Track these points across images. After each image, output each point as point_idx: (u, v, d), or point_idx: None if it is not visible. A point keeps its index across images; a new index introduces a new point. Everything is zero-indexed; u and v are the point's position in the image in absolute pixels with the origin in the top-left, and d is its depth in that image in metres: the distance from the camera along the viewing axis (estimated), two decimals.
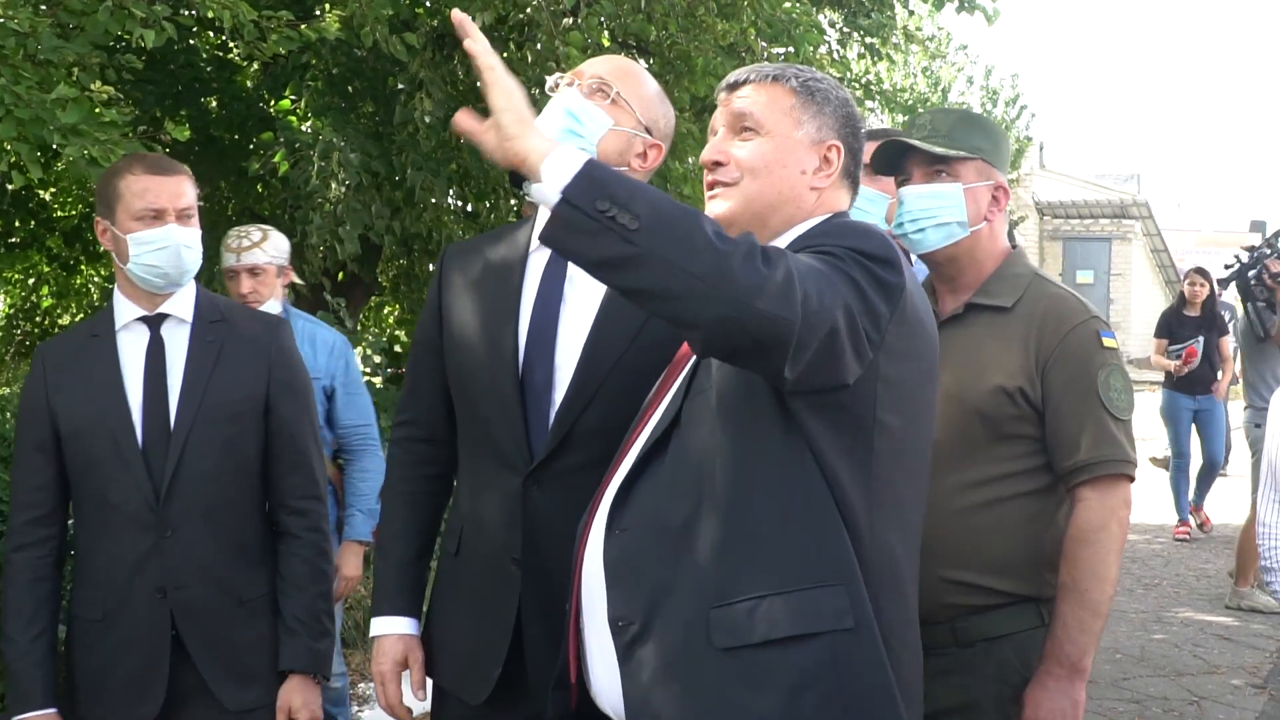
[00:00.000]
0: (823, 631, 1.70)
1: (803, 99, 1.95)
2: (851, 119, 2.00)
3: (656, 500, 1.81)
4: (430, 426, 2.36)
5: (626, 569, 1.80)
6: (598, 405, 2.13)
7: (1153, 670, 5.76)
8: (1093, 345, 2.39)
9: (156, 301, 2.63)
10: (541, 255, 2.24)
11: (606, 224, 1.56)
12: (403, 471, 2.38)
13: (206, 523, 2.56)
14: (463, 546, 2.26)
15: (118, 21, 3.97)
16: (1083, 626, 2.31)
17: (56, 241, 7.38)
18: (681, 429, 1.82)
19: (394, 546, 2.35)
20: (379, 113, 5.64)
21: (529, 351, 2.18)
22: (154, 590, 2.53)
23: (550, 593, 2.08)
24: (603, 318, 2.16)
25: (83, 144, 3.73)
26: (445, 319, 2.31)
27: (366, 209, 5.30)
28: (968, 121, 2.53)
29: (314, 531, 2.67)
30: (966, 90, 19.69)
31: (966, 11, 6.65)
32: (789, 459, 1.74)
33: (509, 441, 2.17)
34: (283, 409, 2.66)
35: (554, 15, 4.88)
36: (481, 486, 2.23)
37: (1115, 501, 2.35)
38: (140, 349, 2.61)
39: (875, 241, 1.76)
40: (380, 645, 2.30)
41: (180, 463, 2.54)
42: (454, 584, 2.28)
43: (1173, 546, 8.72)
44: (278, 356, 2.68)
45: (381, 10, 4.49)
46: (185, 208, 2.60)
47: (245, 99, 6.24)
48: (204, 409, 2.57)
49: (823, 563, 1.72)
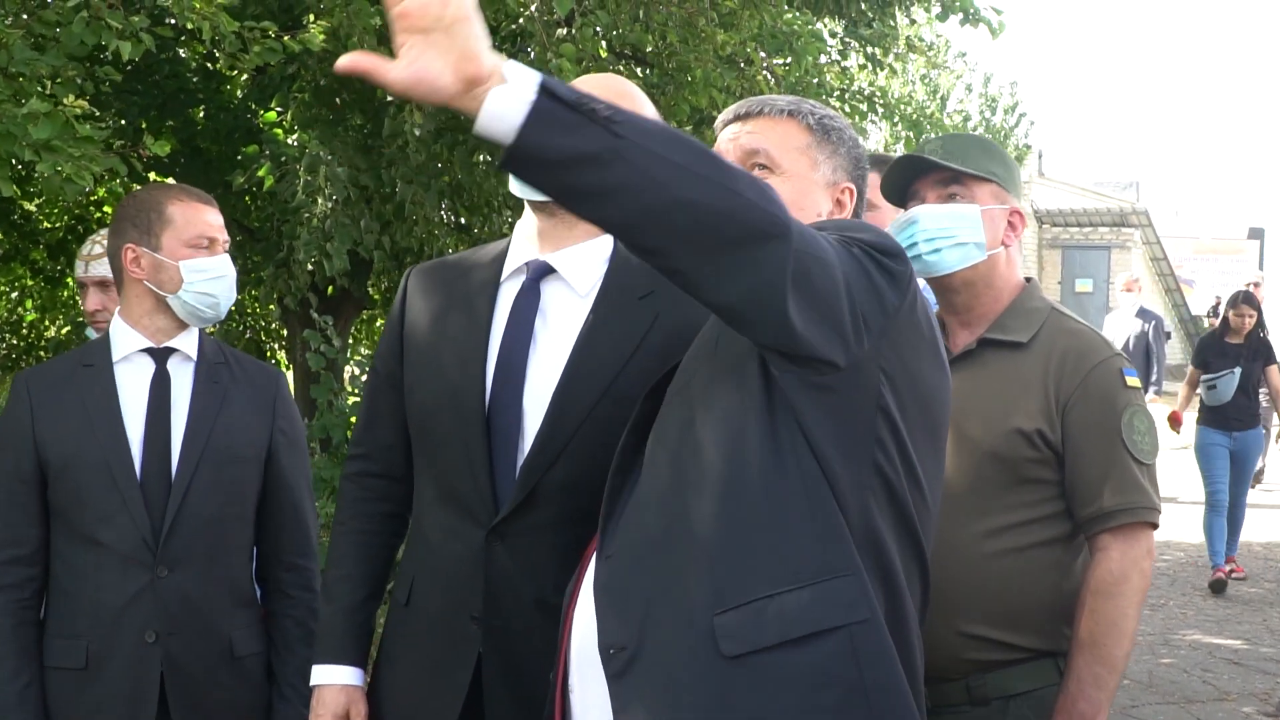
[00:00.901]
0: (841, 625, 1.58)
1: (818, 138, 1.85)
2: (861, 161, 1.91)
3: (637, 515, 1.69)
4: (386, 462, 2.19)
5: (615, 593, 1.66)
6: (566, 461, 1.96)
7: (1161, 697, 5.62)
8: (1116, 385, 2.26)
9: (168, 334, 2.54)
10: (513, 285, 2.08)
11: (587, 114, 1.39)
12: (354, 509, 2.19)
13: (205, 566, 2.44)
14: (414, 597, 2.08)
15: (93, 33, 3.83)
16: (1099, 683, 2.19)
17: (41, 254, 7.25)
18: (652, 438, 1.72)
19: (340, 590, 2.16)
20: (368, 125, 5.50)
21: (495, 393, 2.00)
22: (144, 634, 2.38)
23: (513, 654, 1.93)
24: (574, 365, 1.99)
25: (56, 159, 3.60)
26: (407, 351, 2.13)
27: (355, 224, 5.16)
28: (982, 147, 2.42)
29: (306, 590, 2.57)
30: (965, 98, 19.63)
31: (971, 24, 6.53)
32: (780, 445, 1.60)
33: (472, 491, 1.99)
34: (283, 461, 2.57)
35: (547, 26, 4.74)
36: (439, 535, 2.05)
37: (1138, 552, 2.22)
38: (142, 382, 2.50)
39: (880, 235, 1.66)
40: (320, 695, 2.11)
41: (184, 502, 2.42)
42: (402, 636, 2.11)
43: (1178, 565, 8.57)
44: (280, 408, 2.61)
45: (368, 20, 4.35)
46: (226, 240, 2.58)
47: (232, 110, 6.10)
48: (210, 450, 2.47)
49: (830, 553, 1.60)
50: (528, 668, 1.95)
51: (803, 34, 5.49)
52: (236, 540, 2.52)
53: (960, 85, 19.55)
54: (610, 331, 2.02)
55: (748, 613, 1.57)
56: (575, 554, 1.86)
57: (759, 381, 1.62)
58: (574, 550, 1.88)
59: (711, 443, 1.63)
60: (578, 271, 2.07)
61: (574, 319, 2.04)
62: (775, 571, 1.59)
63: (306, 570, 2.58)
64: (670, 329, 2.00)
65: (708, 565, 1.60)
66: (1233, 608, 7.13)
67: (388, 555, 2.22)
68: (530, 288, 2.06)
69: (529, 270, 2.07)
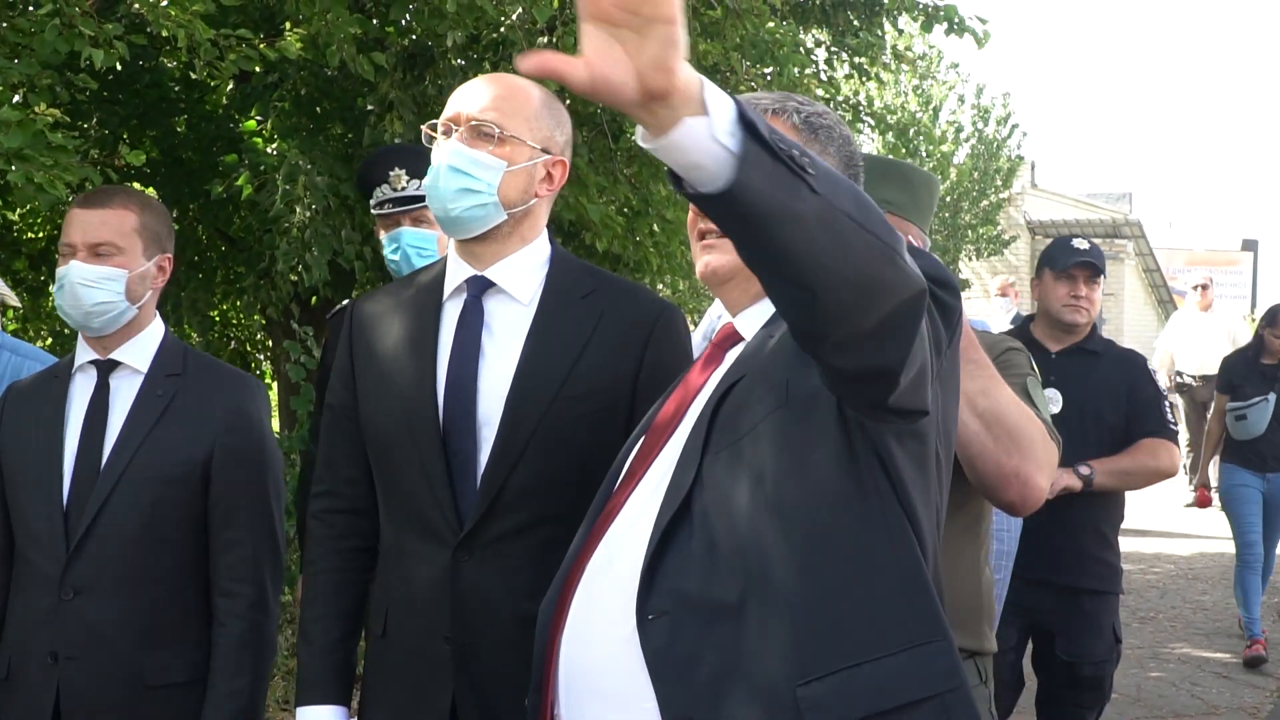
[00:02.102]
0: (935, 694, 1.50)
1: (805, 137, 1.72)
2: (854, 159, 1.79)
3: (695, 575, 1.54)
4: (351, 496, 2.16)
5: (678, 660, 1.52)
6: (527, 463, 1.95)
7: (1149, 711, 5.57)
8: (1024, 364, 2.40)
9: (107, 346, 2.45)
10: (455, 304, 2.07)
11: (787, 161, 1.26)
12: (323, 547, 2.17)
13: (116, 591, 2.35)
14: (389, 627, 2.07)
15: (66, 41, 3.80)
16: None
17: (23, 265, 7.18)
18: (705, 490, 1.56)
19: (318, 630, 2.14)
20: (349, 134, 5.46)
21: (449, 410, 1.99)
22: (47, 654, 2.33)
23: (485, 672, 1.90)
24: (525, 366, 1.98)
25: (28, 168, 3.56)
26: (359, 381, 2.12)
27: (336, 234, 5.11)
28: (880, 171, 2.31)
29: (236, 618, 2.41)
30: (958, 109, 19.60)
31: (956, 34, 6.50)
32: (868, 503, 1.52)
33: (434, 511, 1.98)
34: (224, 480, 2.42)
35: (528, 34, 4.71)
36: (407, 561, 2.03)
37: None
38: (84, 397, 2.44)
39: (934, 264, 1.54)
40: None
41: (96, 521, 2.34)
42: (383, 669, 2.09)
43: (1168, 577, 8.52)
44: (233, 421, 2.45)
45: (347, 29, 4.31)
46: (99, 242, 2.40)
47: (214, 120, 6.06)
48: (133, 467, 2.37)
49: (918, 611, 1.52)
50: (500, 686, 1.92)
51: (786, 43, 5.47)
52: (163, 566, 2.39)
53: (953, 96, 19.54)
54: (558, 331, 2.02)
55: (835, 683, 1.47)
56: (547, 556, 1.82)
57: (838, 431, 1.53)
58: (546, 553, 1.85)
59: (791, 498, 1.53)
60: (517, 281, 2.06)
61: (519, 327, 2.03)
62: (864, 636, 1.49)
63: (240, 596, 2.42)
64: (616, 325, 2.01)
65: (790, 631, 1.49)
66: (1222, 621, 7.08)
67: (361, 591, 2.19)
68: (473, 304, 2.05)
69: (469, 287, 2.06)
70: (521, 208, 2.05)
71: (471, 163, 1.99)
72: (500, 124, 2.00)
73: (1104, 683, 3.88)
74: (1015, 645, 3.79)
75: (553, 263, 2.10)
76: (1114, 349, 4.00)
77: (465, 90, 2.07)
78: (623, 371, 2.01)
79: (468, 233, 2.04)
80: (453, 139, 2.01)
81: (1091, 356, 3.89)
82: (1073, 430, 3.52)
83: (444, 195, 1.99)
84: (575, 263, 2.15)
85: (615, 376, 2.01)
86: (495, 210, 2.02)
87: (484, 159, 1.99)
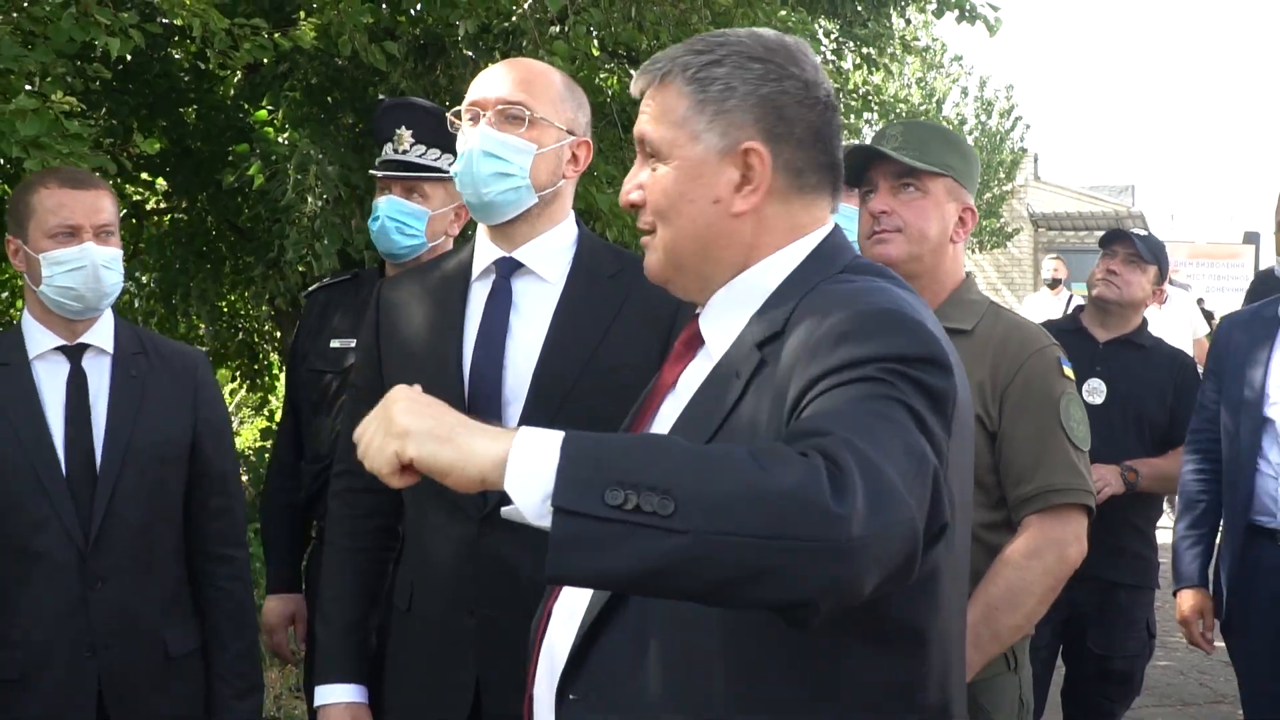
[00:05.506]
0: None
1: (696, 99, 1.45)
2: (777, 98, 1.45)
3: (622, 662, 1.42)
4: (372, 476, 2.17)
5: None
6: None
7: (1157, 700, 5.59)
8: (1054, 370, 2.30)
9: (76, 330, 2.43)
10: (484, 285, 2.09)
11: (632, 520, 1.11)
12: (344, 526, 2.20)
13: (138, 574, 2.39)
14: (415, 601, 2.09)
15: (82, 29, 3.81)
16: (979, 644, 2.08)
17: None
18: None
19: (337, 610, 2.17)
20: (359, 124, 5.46)
21: (474, 387, 2.01)
22: (81, 649, 2.34)
23: (508, 646, 1.91)
24: (552, 341, 2.01)
25: (44, 157, 3.57)
26: (385, 362, 2.13)
27: (345, 223, 5.11)
28: (942, 137, 2.39)
29: (236, 580, 2.53)
30: (961, 101, 19.61)
31: (968, 21, 6.50)
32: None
33: None
34: (208, 450, 2.51)
35: (539, 24, 4.72)
36: (433, 537, 2.05)
37: (1064, 533, 2.21)
38: (58, 383, 2.41)
39: (908, 335, 1.30)
40: (326, 715, 2.12)
41: (110, 508, 2.36)
42: (406, 644, 2.11)
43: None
44: (202, 394, 2.54)
45: (359, 18, 4.32)
46: (104, 224, 2.40)
47: (224, 109, 6.06)
48: (131, 451, 2.39)
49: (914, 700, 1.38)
50: (523, 659, 1.93)
51: (796, 31, 5.47)
52: (167, 543, 2.47)
53: (956, 89, 19.54)
54: (584, 310, 2.04)
55: None
56: None
57: None
58: None
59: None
60: (545, 262, 2.08)
61: (547, 306, 2.06)
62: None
63: (236, 560, 2.53)
64: (642, 304, 2.03)
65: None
66: None
67: (381, 569, 2.22)
68: (501, 285, 2.07)
69: (498, 268, 2.08)
70: (551, 189, 2.07)
71: (504, 146, 2.00)
72: (529, 106, 2.02)
73: (1134, 677, 3.86)
74: (1048, 643, 3.71)
75: (580, 243, 2.12)
76: (1163, 346, 3.95)
77: (487, 76, 2.08)
78: (648, 350, 2.03)
79: (500, 217, 2.05)
80: (481, 124, 2.02)
81: (1138, 350, 3.84)
82: (1114, 423, 3.52)
83: (478, 180, 2.00)
84: (601, 243, 2.17)
85: (641, 354, 2.03)
86: (527, 193, 2.03)
87: (515, 142, 2.01)
